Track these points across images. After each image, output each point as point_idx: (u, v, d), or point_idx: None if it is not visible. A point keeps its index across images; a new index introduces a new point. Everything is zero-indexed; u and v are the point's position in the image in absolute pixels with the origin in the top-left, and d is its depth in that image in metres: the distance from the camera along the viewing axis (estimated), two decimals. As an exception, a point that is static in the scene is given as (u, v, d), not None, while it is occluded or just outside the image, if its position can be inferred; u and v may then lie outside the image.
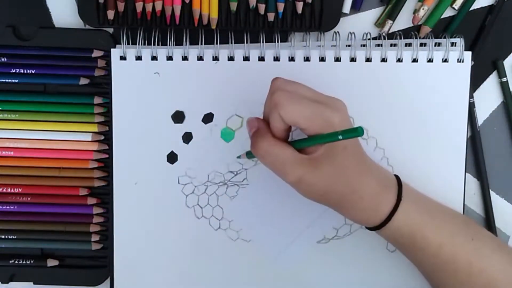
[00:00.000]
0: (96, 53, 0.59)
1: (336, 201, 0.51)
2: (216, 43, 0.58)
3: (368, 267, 0.60)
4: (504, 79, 0.60)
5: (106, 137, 0.60)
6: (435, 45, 0.58)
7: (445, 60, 0.58)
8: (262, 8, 0.58)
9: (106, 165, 0.60)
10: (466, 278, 0.51)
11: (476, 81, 0.60)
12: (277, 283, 0.60)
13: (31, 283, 0.61)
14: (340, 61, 0.58)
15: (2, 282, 0.61)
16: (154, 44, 0.57)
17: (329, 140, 0.47)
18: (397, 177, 0.53)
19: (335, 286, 0.60)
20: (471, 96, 0.60)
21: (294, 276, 0.60)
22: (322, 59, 0.58)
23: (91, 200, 0.60)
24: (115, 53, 0.58)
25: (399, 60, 0.58)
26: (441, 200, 0.58)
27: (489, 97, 0.61)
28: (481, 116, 0.61)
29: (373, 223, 0.52)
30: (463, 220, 0.55)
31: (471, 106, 0.60)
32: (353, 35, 0.58)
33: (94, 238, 0.60)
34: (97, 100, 0.59)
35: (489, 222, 0.61)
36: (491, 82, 0.61)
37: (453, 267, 0.52)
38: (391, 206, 0.51)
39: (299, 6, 0.58)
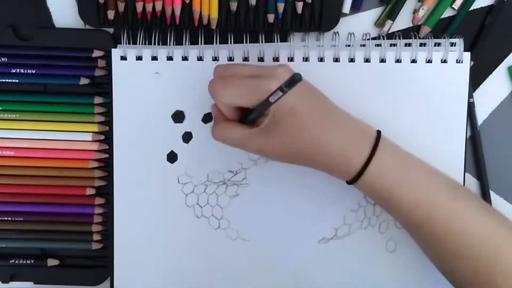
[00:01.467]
0: (96, 53, 0.59)
1: (306, 160, 0.52)
2: (216, 43, 0.58)
3: (367, 267, 0.60)
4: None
5: (106, 137, 0.60)
6: (434, 45, 0.58)
7: (444, 61, 0.58)
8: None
9: (107, 165, 0.60)
10: (444, 238, 0.51)
11: (476, 81, 0.60)
12: (276, 282, 0.60)
13: (31, 283, 0.61)
14: (339, 61, 0.58)
15: (2, 282, 0.61)
16: (154, 44, 0.58)
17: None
18: (378, 131, 0.53)
19: (335, 286, 0.60)
20: (471, 96, 0.60)
21: (293, 276, 0.60)
22: (321, 60, 0.58)
23: (99, 200, 0.60)
24: (116, 53, 0.58)
25: (398, 61, 0.58)
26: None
27: (489, 97, 0.61)
28: (481, 116, 0.61)
29: (347, 177, 0.52)
30: (446, 181, 0.53)
31: (471, 106, 0.60)
32: (352, 35, 0.58)
33: (95, 237, 0.60)
34: (97, 100, 0.59)
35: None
36: (491, 82, 0.61)
37: (429, 226, 0.51)
38: (363, 159, 0.51)
39: (299, 6, 0.58)
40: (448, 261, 0.52)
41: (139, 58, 0.58)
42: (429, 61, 0.58)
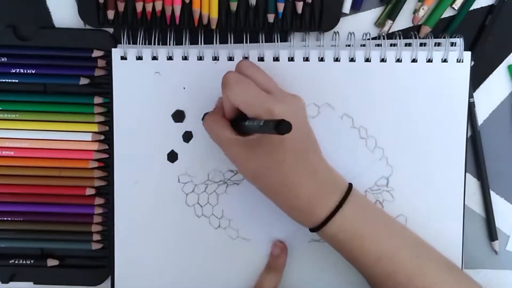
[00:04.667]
0: (96, 53, 0.59)
1: (271, 191, 0.52)
2: (216, 43, 0.58)
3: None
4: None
5: (106, 137, 0.60)
6: (435, 45, 0.58)
7: (445, 60, 0.58)
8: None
9: (106, 165, 0.60)
10: None
11: (476, 81, 0.60)
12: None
13: (31, 283, 0.61)
14: (339, 61, 0.58)
15: (2, 282, 0.61)
16: (154, 44, 0.58)
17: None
18: (350, 185, 0.53)
19: (335, 286, 0.60)
20: (471, 96, 0.60)
21: (293, 275, 0.60)
22: (321, 59, 0.58)
23: (98, 200, 0.60)
24: (116, 53, 0.58)
25: (398, 60, 0.58)
26: (441, 200, 0.58)
27: (489, 97, 0.61)
28: (481, 116, 0.61)
29: (308, 224, 0.52)
30: (412, 238, 0.54)
31: (472, 106, 0.60)
32: (352, 35, 0.58)
33: (95, 238, 0.60)
34: (97, 100, 0.59)
35: (489, 222, 0.61)
36: (492, 82, 0.61)
37: (392, 280, 0.52)
38: (329, 210, 0.51)
39: (299, 6, 0.58)
40: None
41: (139, 58, 0.58)
42: (430, 61, 0.58)
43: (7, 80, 0.59)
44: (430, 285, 0.51)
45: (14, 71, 0.59)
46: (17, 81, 0.59)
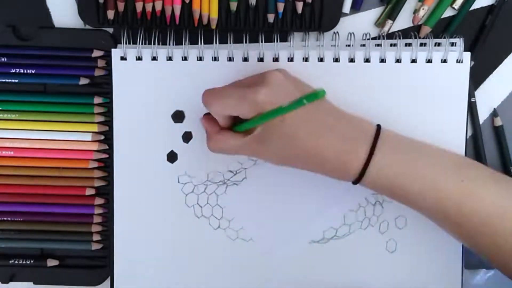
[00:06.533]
0: (96, 53, 0.59)
1: (303, 164, 0.52)
2: (216, 43, 0.58)
3: (367, 267, 0.60)
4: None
5: (106, 137, 0.60)
6: (435, 45, 0.58)
7: (444, 61, 0.58)
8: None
9: (106, 165, 0.60)
10: (458, 220, 0.50)
11: (476, 81, 0.60)
12: (277, 283, 0.60)
13: (31, 283, 0.61)
14: (339, 61, 0.58)
15: (2, 282, 0.61)
16: (154, 44, 0.58)
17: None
18: (378, 126, 0.52)
19: (335, 286, 0.60)
20: (472, 96, 0.60)
21: (293, 276, 0.60)
22: (320, 60, 0.58)
23: (98, 200, 0.60)
24: (116, 53, 0.58)
25: (398, 61, 0.58)
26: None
27: (488, 97, 0.61)
28: (481, 116, 0.61)
29: (347, 179, 0.52)
30: (452, 162, 0.52)
31: (473, 105, 0.60)
32: (352, 35, 0.58)
33: (95, 238, 0.60)
34: (97, 100, 0.59)
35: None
36: (492, 82, 0.61)
37: (441, 211, 0.51)
38: (361, 162, 0.50)
39: (299, 6, 0.58)
40: (468, 239, 0.51)
41: (139, 58, 0.58)
42: (429, 61, 0.58)
43: (7, 80, 0.59)
44: (479, 208, 0.50)
45: (14, 71, 0.59)
46: (17, 81, 0.59)
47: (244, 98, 0.50)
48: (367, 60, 0.58)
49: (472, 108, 0.60)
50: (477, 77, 0.60)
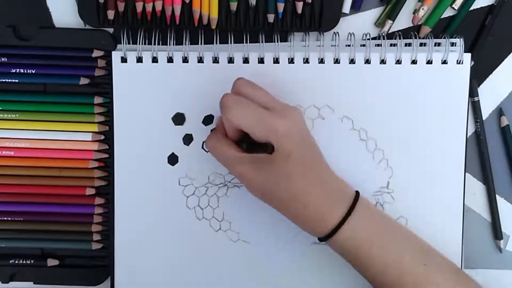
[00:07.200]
0: (96, 53, 0.59)
1: (279, 205, 0.52)
2: (216, 43, 0.58)
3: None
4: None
5: (106, 137, 0.60)
6: (435, 45, 0.58)
7: (445, 62, 0.58)
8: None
9: (106, 165, 0.60)
10: None
11: (476, 81, 0.60)
12: (278, 284, 0.60)
13: (31, 283, 0.61)
14: (339, 63, 0.58)
15: (2, 282, 0.61)
16: (154, 44, 0.57)
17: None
18: (357, 192, 0.53)
19: (335, 287, 0.60)
20: (476, 95, 0.60)
21: (294, 277, 0.60)
22: (321, 61, 0.58)
23: (98, 200, 0.60)
24: (116, 55, 0.58)
25: (398, 62, 0.58)
26: (441, 201, 0.58)
27: (488, 97, 0.61)
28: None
29: (318, 234, 0.52)
30: (419, 245, 0.54)
31: (477, 104, 0.60)
32: (352, 35, 0.58)
33: (95, 237, 0.60)
34: (97, 100, 0.59)
35: (494, 221, 0.61)
36: (491, 82, 0.61)
37: (398, 286, 0.52)
38: (337, 221, 0.51)
39: (299, 6, 0.58)
40: None
41: (139, 60, 0.58)
42: (429, 62, 0.58)
43: (7, 80, 0.59)
44: None
45: (14, 71, 0.59)
46: (17, 81, 0.59)
47: (263, 121, 0.50)
48: (367, 62, 0.58)
49: (475, 108, 0.60)
50: (476, 77, 0.60)
